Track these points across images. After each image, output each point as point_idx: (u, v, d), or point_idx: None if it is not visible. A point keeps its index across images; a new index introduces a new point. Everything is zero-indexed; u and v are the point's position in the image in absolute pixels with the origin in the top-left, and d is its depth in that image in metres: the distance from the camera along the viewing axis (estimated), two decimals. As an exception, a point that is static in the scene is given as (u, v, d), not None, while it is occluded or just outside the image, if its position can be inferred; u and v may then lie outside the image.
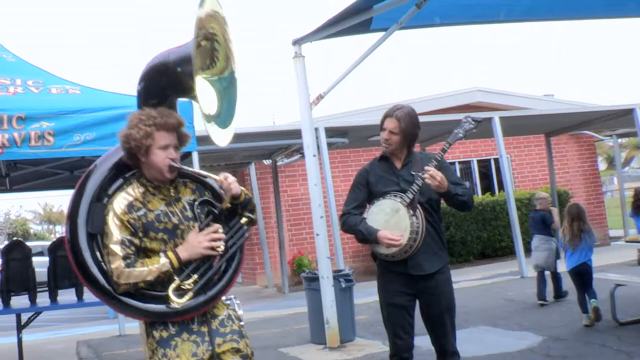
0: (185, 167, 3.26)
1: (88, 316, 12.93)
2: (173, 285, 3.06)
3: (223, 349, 3.17)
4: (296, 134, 9.42)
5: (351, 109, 16.96)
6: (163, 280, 3.06)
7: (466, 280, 12.80)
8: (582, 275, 7.56)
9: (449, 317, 4.24)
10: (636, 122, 12.99)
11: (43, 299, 7.21)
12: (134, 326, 10.26)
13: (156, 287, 3.08)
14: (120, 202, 3.12)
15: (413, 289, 4.19)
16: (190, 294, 3.08)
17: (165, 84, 3.38)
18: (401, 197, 4.11)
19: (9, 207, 71.70)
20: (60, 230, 65.85)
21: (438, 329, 4.22)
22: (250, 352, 3.26)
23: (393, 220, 4.11)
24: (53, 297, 7.10)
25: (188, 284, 3.09)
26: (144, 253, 3.11)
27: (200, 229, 3.16)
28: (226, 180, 3.19)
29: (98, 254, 3.12)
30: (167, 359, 3.08)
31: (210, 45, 3.39)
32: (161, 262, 3.05)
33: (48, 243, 16.13)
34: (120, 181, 3.27)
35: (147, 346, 3.17)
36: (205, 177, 3.36)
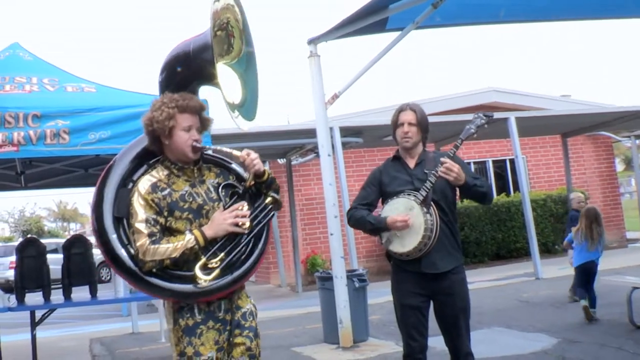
0: (209, 147, 3.36)
1: (101, 314, 13.00)
2: (199, 263, 3.09)
3: (237, 341, 3.22)
4: (311, 133, 9.42)
5: (366, 109, 16.94)
6: (189, 258, 3.10)
7: (480, 281, 12.74)
8: (589, 273, 8.08)
9: (463, 318, 4.21)
10: (654, 123, 12.90)
11: (57, 296, 7.24)
12: (147, 324, 10.32)
13: (182, 267, 3.11)
14: (144, 183, 3.19)
15: (427, 290, 4.17)
16: (218, 271, 3.10)
17: (186, 73, 3.47)
18: (414, 195, 4.09)
19: (24, 205, 72.07)
20: (75, 228, 66.27)
21: (452, 330, 4.20)
22: (259, 352, 3.29)
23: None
24: (67, 295, 7.13)
25: (215, 262, 3.12)
26: (169, 233, 3.15)
27: (225, 209, 3.21)
28: (249, 157, 3.22)
29: (124, 237, 3.18)
30: (192, 347, 3.13)
31: (226, 33, 3.51)
32: (186, 239, 3.09)
33: (62, 240, 16.23)
34: (144, 167, 3.36)
35: (172, 333, 3.22)
36: (230, 162, 3.44)
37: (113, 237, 3.17)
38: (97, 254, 6.61)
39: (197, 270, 3.07)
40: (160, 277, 3.11)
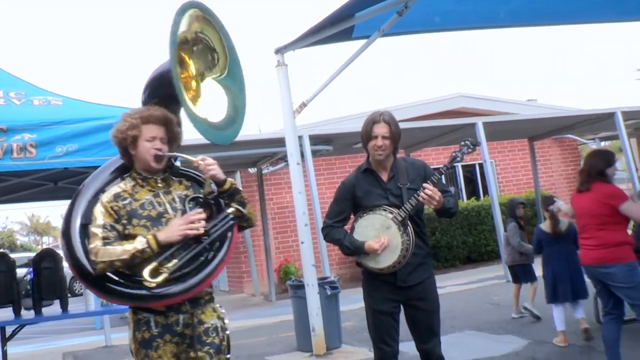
0: (172, 154, 3.33)
1: (74, 327, 12.87)
2: (150, 267, 3.10)
3: (198, 355, 3.20)
4: (281, 142, 9.44)
5: (335, 117, 16.98)
6: (142, 262, 3.11)
7: (452, 285, 12.84)
8: None
9: (435, 320, 4.26)
10: (618, 125, 13.10)
11: (28, 311, 7.17)
12: (120, 336, 10.23)
13: (137, 272, 3.12)
14: (108, 193, 3.27)
15: (399, 296, 4.20)
16: (165, 276, 3.09)
17: (163, 93, 3.46)
18: (392, 214, 4.09)
19: (-5, 219, 71.13)
20: (48, 241, 65.38)
21: (423, 333, 4.24)
22: None
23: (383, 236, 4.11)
24: (38, 309, 7.06)
25: (166, 267, 3.12)
26: (126, 240, 3.17)
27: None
28: (204, 162, 3.22)
29: (88, 244, 3.23)
30: (149, 359, 3.15)
31: (205, 45, 3.50)
32: (138, 241, 3.11)
33: (34, 254, 16.00)
34: (117, 180, 3.42)
35: (132, 344, 3.25)
36: (200, 176, 3.45)
37: (77, 242, 3.25)
38: (67, 267, 6.57)
39: (145, 273, 3.08)
40: (115, 283, 3.16)
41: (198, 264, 3.19)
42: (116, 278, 3.15)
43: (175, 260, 3.14)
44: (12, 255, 7.71)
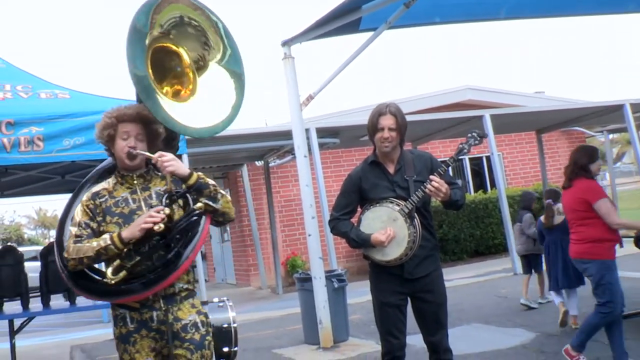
0: (143, 153, 3.26)
1: (81, 320, 12.91)
2: (115, 264, 3.14)
3: (177, 352, 3.21)
4: (288, 134, 9.44)
5: (342, 109, 16.96)
6: (109, 258, 3.15)
7: (460, 278, 12.82)
8: None
9: (442, 313, 4.25)
10: (627, 117, 13.02)
11: (36, 304, 7.20)
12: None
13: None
14: (89, 192, 3.32)
15: (407, 288, 4.20)
16: (125, 272, 3.12)
17: (137, 95, 3.42)
18: (399, 206, 4.08)
19: (3, 213, 71.29)
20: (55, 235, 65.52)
21: (431, 325, 4.23)
22: None
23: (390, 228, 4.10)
24: (45, 302, 7.09)
25: (130, 264, 3.15)
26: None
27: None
28: (160, 158, 3.16)
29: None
30: (128, 354, 3.22)
31: (191, 26, 3.41)
32: (102, 238, 3.13)
33: (42, 248, 16.06)
34: (106, 178, 3.44)
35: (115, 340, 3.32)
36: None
37: (65, 239, 3.35)
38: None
39: (109, 270, 3.13)
40: (84, 277, 3.29)
41: (162, 261, 3.16)
42: (89, 274, 3.28)
43: (138, 258, 3.15)
44: (20, 249, 7.73)
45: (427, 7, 6.95)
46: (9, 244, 19.09)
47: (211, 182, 3.27)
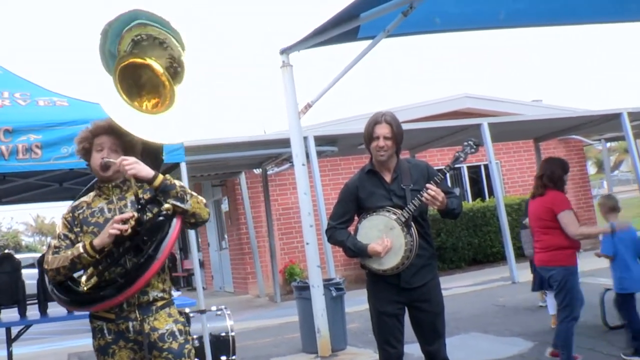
0: (112, 160, 3.29)
1: (79, 328, 12.80)
2: (89, 272, 3.20)
3: None
4: (286, 142, 9.44)
5: (340, 117, 16.97)
6: (83, 267, 3.19)
7: (457, 287, 12.81)
8: None
9: (439, 322, 4.25)
10: (624, 126, 13.07)
11: (33, 311, 7.17)
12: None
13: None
14: (70, 206, 3.37)
15: (404, 298, 4.19)
16: (95, 278, 3.17)
17: None
18: (395, 215, 4.08)
19: (0, 220, 71.19)
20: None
21: (428, 335, 4.23)
22: None
23: (387, 238, 4.10)
24: (43, 310, 7.06)
25: (101, 268, 3.19)
26: None
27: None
28: (122, 162, 3.18)
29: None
30: None
31: (155, 40, 3.45)
32: (75, 247, 3.16)
33: (39, 255, 16.04)
34: (89, 192, 3.48)
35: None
36: None
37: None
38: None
39: (83, 278, 3.19)
40: (61, 288, 3.29)
41: (131, 265, 3.17)
42: (70, 285, 3.28)
43: (108, 261, 3.19)
44: (17, 256, 7.70)
45: (426, 15, 6.96)
46: (6, 251, 19.05)
47: (178, 183, 3.27)
